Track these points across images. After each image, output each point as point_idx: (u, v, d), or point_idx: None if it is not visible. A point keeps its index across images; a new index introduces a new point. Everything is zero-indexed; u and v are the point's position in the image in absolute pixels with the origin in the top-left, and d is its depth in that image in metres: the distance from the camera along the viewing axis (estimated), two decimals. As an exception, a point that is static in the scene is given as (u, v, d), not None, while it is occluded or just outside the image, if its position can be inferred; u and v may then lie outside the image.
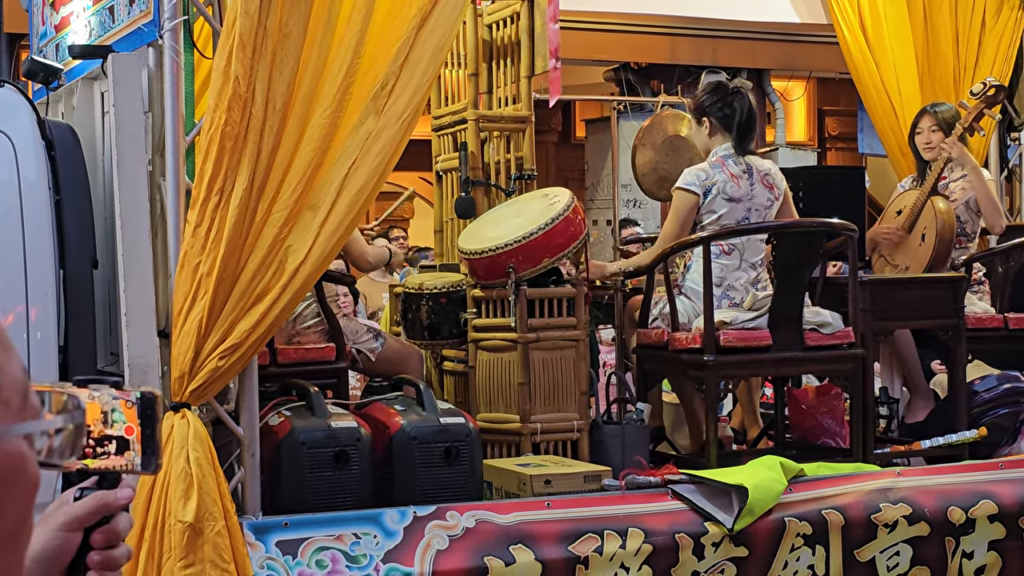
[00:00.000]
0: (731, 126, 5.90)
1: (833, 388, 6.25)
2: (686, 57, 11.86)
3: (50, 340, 4.91)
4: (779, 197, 5.90)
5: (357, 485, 4.84)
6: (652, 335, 5.79)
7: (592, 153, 12.86)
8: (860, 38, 7.59)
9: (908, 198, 6.73)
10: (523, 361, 5.45)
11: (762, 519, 4.99)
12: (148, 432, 1.65)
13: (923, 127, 6.81)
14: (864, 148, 12.83)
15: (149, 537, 4.38)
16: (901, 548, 5.22)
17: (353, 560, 4.55)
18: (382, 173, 4.71)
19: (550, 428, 5.47)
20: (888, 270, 6.72)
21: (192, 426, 4.46)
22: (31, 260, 4.91)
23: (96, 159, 5.42)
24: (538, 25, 6.10)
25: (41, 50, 6.39)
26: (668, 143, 8.02)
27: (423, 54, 4.74)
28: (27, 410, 1.01)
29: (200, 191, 4.49)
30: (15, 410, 1.00)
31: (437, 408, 5.13)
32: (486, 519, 4.75)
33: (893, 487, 5.32)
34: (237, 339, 4.50)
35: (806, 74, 13.76)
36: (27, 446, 1.01)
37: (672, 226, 5.83)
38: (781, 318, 5.60)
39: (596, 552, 4.76)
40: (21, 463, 1.00)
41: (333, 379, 5.54)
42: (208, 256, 4.46)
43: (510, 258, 5.43)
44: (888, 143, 7.64)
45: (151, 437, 1.65)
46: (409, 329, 6.07)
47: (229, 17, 4.53)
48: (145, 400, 1.65)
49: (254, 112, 4.49)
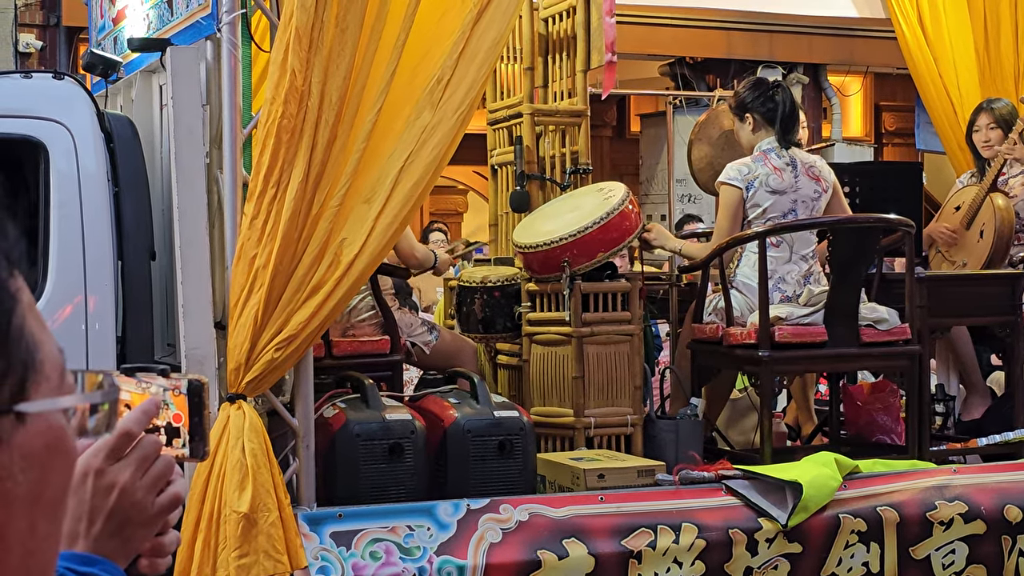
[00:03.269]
0: (774, 120, 5.87)
1: (889, 384, 6.22)
2: (742, 52, 11.81)
3: (108, 331, 4.95)
4: (827, 189, 5.86)
5: (411, 477, 4.85)
6: (707, 330, 5.77)
7: (647, 148, 12.82)
8: (918, 33, 7.53)
9: (967, 194, 6.68)
10: (577, 355, 5.45)
11: (816, 515, 4.97)
12: (196, 419, 1.67)
13: (981, 124, 6.76)
14: (921, 144, 12.72)
15: (205, 527, 4.41)
16: (957, 546, 5.18)
17: (407, 552, 4.57)
18: (437, 167, 4.72)
19: (604, 422, 5.46)
20: (946, 266, 6.68)
21: (248, 417, 4.48)
22: (90, 251, 4.95)
23: (154, 152, 5.46)
24: (594, 19, 6.10)
25: (100, 43, 6.44)
26: (724, 138, 7.98)
27: (479, 48, 4.74)
28: (64, 387, 1.06)
29: (257, 184, 4.52)
30: (55, 386, 1.04)
31: (491, 401, 5.13)
32: (539, 513, 4.75)
33: (949, 484, 5.28)
34: (293, 331, 4.52)
35: (863, 69, 13.65)
36: (65, 421, 1.06)
37: (724, 222, 5.81)
38: (837, 314, 5.57)
39: (649, 547, 4.75)
40: (63, 436, 1.05)
41: (388, 372, 5.55)
42: (264, 248, 4.48)
43: (565, 252, 5.42)
44: (946, 139, 7.58)
45: (199, 424, 1.67)
46: (463, 322, 6.07)
47: (286, 11, 4.55)
48: (193, 387, 1.66)
49: (310, 105, 4.50)
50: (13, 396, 1.00)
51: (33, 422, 1.01)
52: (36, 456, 1.02)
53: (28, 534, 1.02)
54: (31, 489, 1.02)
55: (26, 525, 1.02)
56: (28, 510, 1.02)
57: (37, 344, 1.02)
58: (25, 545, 1.02)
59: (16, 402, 1.00)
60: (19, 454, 1.00)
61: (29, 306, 1.03)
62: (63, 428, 1.05)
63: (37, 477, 1.02)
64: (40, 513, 1.04)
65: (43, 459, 1.03)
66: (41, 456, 1.03)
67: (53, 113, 5.03)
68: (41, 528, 1.04)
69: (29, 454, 1.01)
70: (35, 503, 1.03)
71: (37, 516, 1.03)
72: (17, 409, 1.00)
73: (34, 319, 1.03)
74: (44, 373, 1.03)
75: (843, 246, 5.70)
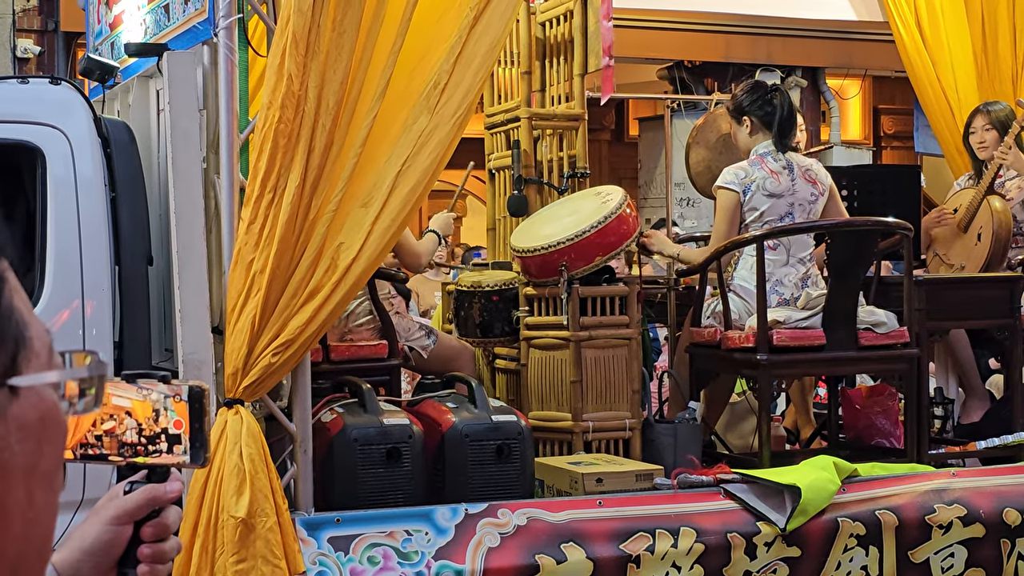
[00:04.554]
0: (772, 124, 5.87)
1: (887, 388, 6.21)
2: (740, 55, 11.82)
3: (105, 336, 4.95)
4: (823, 192, 5.86)
5: (409, 482, 4.85)
6: (705, 334, 5.77)
7: (645, 151, 12.83)
8: (916, 36, 7.53)
9: (964, 197, 6.68)
10: (575, 359, 5.44)
11: (815, 519, 4.96)
12: (197, 426, 1.67)
13: (977, 127, 6.76)
14: (920, 147, 12.73)
15: (203, 532, 4.41)
16: (956, 549, 5.18)
17: (405, 557, 4.56)
18: (434, 171, 4.72)
19: (602, 426, 5.46)
20: (944, 269, 6.67)
21: (245, 422, 4.48)
22: (87, 256, 4.94)
23: (151, 156, 5.46)
24: (591, 23, 6.09)
25: (97, 48, 6.44)
26: (722, 142, 7.97)
27: (476, 52, 4.74)
28: (53, 364, 1.10)
29: (254, 188, 4.52)
30: (44, 363, 1.08)
31: (489, 406, 5.13)
32: (538, 517, 4.75)
33: (948, 488, 5.28)
34: (290, 335, 4.52)
35: (861, 72, 13.67)
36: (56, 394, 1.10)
37: (722, 225, 5.81)
38: (835, 317, 5.56)
39: (648, 551, 4.75)
40: (55, 409, 1.09)
41: (385, 376, 5.55)
42: (261, 253, 4.48)
43: (562, 256, 5.42)
44: (944, 142, 7.58)
45: (199, 430, 1.67)
46: (461, 327, 6.07)
47: (283, 15, 4.55)
48: (194, 394, 1.66)
49: (307, 110, 4.50)
50: (6, 371, 1.03)
51: (26, 395, 1.05)
52: (31, 428, 1.06)
53: (27, 504, 1.06)
54: (28, 460, 1.05)
55: (24, 495, 1.05)
56: (26, 480, 1.05)
57: (26, 322, 1.06)
58: (25, 514, 1.06)
59: (9, 376, 1.03)
60: (15, 426, 1.04)
61: (15, 287, 1.06)
62: (55, 401, 1.09)
63: (33, 448, 1.06)
64: (37, 483, 1.07)
65: (38, 431, 1.06)
66: (36, 428, 1.06)
67: (50, 118, 5.02)
68: (39, 497, 1.07)
69: (24, 426, 1.05)
70: (32, 473, 1.06)
71: (34, 486, 1.07)
72: (11, 383, 1.03)
73: (21, 300, 1.07)
74: (34, 350, 1.06)
75: (841, 249, 5.70)
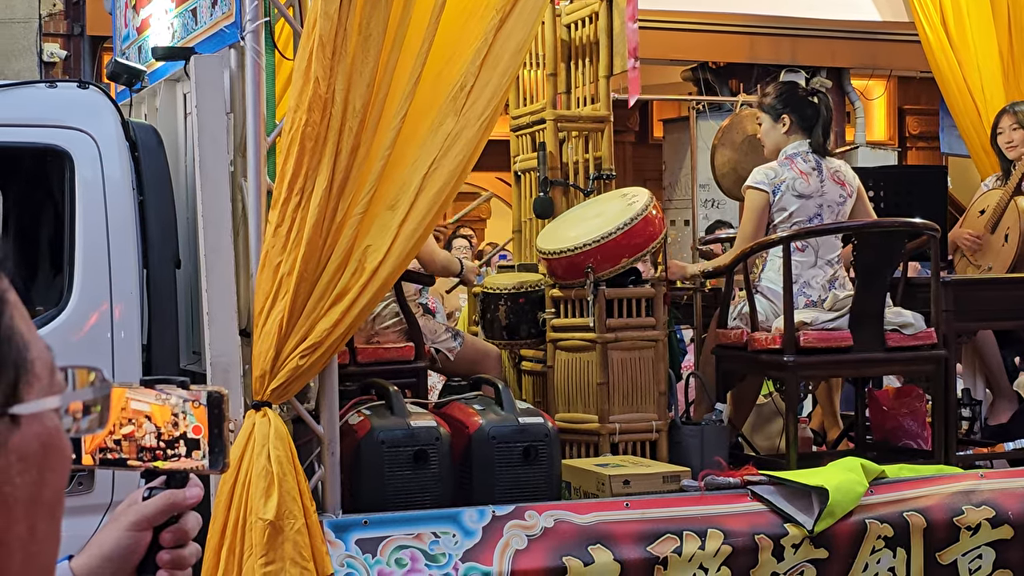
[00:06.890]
0: (813, 126, 5.86)
1: (914, 389, 6.19)
2: (765, 56, 11.79)
3: (133, 339, 4.97)
4: (852, 194, 5.85)
5: (436, 484, 4.86)
6: (731, 335, 5.76)
7: (670, 153, 12.80)
8: (942, 36, 7.50)
9: (991, 198, 6.66)
10: (602, 361, 5.44)
11: (843, 521, 4.95)
12: (215, 431, 1.67)
13: (1004, 126, 6.74)
14: (946, 148, 12.67)
15: (230, 534, 4.42)
16: (984, 551, 5.16)
17: (432, 559, 4.57)
18: (461, 173, 4.72)
19: (629, 428, 5.46)
20: (971, 270, 6.65)
21: (273, 424, 4.49)
22: (115, 259, 4.96)
23: (179, 160, 5.48)
24: (616, 25, 6.09)
25: (124, 52, 6.46)
26: (747, 143, 7.97)
27: (502, 55, 4.74)
28: (55, 385, 1.05)
29: (281, 191, 4.53)
30: (46, 385, 1.03)
31: (516, 408, 5.13)
32: (565, 519, 4.75)
33: (976, 489, 5.26)
34: (317, 338, 4.53)
35: (886, 73, 13.61)
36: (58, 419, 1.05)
37: (749, 226, 5.80)
38: (862, 319, 5.55)
39: (675, 553, 4.74)
40: (58, 434, 1.04)
41: (412, 378, 5.56)
42: (289, 256, 4.49)
43: (589, 258, 5.42)
44: (971, 142, 7.55)
45: (218, 436, 1.67)
46: (487, 329, 6.07)
47: (310, 18, 4.56)
48: (213, 399, 1.66)
49: (334, 113, 4.51)
50: (7, 399, 0.99)
51: (28, 423, 1.01)
52: (33, 458, 1.01)
53: (29, 537, 1.02)
54: (29, 492, 1.01)
55: (26, 529, 1.01)
56: (27, 513, 1.01)
57: (27, 343, 1.02)
58: (27, 549, 1.02)
59: (10, 404, 0.99)
60: (16, 457, 1.00)
61: (16, 305, 1.02)
62: (57, 426, 1.05)
63: (35, 478, 1.01)
64: (39, 514, 1.03)
65: (39, 459, 1.02)
66: (38, 457, 1.02)
67: (78, 122, 5.04)
68: (41, 529, 1.03)
69: (25, 456, 1.00)
70: (34, 505, 1.02)
71: (37, 518, 1.03)
72: (12, 412, 0.99)
73: (21, 318, 1.02)
74: (35, 372, 1.02)
75: (868, 251, 5.68)
